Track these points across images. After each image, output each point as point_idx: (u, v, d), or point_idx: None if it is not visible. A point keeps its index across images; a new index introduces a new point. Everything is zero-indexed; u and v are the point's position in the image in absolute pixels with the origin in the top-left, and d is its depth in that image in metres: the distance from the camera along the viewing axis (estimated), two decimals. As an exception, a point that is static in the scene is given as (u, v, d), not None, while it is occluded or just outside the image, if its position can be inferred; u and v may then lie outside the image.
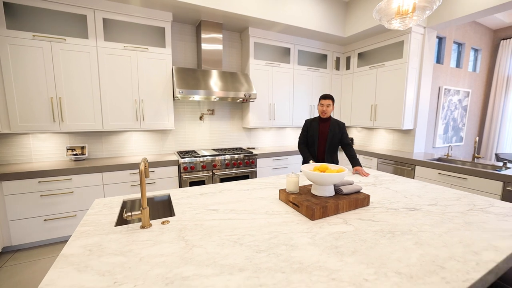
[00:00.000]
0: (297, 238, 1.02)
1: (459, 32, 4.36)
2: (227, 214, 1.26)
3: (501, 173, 2.30)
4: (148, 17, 2.74)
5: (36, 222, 2.29)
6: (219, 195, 1.57)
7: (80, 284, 0.73)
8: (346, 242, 1.00)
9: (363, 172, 2.12)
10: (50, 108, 2.43)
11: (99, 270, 0.80)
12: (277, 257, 0.88)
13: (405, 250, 0.94)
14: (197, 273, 0.79)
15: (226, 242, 0.98)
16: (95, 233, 1.04)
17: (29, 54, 2.31)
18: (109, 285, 0.73)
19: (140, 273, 0.78)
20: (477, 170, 2.45)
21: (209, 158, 2.96)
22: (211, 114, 3.55)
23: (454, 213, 1.31)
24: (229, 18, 3.05)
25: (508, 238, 1.04)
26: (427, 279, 0.78)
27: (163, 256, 0.88)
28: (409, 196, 1.58)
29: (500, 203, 1.46)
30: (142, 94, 2.81)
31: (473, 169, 2.48)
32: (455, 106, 4.55)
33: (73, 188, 2.39)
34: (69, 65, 2.46)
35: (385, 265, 0.85)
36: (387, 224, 1.17)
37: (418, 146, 3.60)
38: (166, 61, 2.89)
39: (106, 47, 2.59)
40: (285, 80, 3.71)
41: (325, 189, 1.38)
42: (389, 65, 3.49)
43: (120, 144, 3.01)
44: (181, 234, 1.04)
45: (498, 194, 2.33)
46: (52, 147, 2.70)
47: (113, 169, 2.52)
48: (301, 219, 1.22)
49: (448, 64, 4.29)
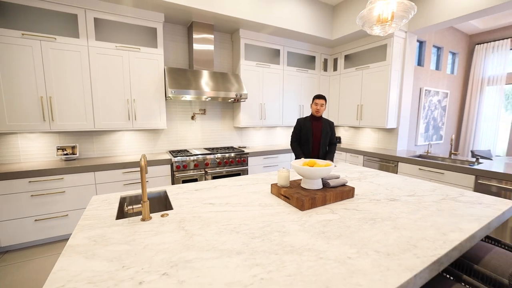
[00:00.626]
0: (288, 226, 1.12)
1: (438, 36, 4.62)
2: (222, 207, 1.34)
3: (474, 168, 2.50)
4: (140, 17, 2.76)
5: (26, 222, 2.27)
6: (214, 190, 1.64)
7: (91, 269, 0.79)
8: (332, 228, 1.10)
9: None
10: (40, 107, 2.41)
11: (107, 257, 0.86)
12: (271, 242, 0.98)
13: (384, 234, 1.06)
14: (199, 257, 0.87)
15: (223, 231, 1.06)
16: (98, 226, 1.10)
17: (18, 53, 2.29)
18: (118, 268, 0.79)
19: (146, 259, 0.85)
20: (452, 165, 2.65)
21: (201, 156, 3.02)
22: (203, 114, 3.60)
23: (429, 202, 1.45)
24: (220, 19, 3.12)
25: (473, 222, 1.18)
26: (401, 256, 0.89)
27: (166, 244, 0.95)
28: (390, 189, 1.71)
29: (469, 193, 1.62)
30: (134, 94, 2.83)
31: (449, 164, 2.68)
32: (435, 106, 4.81)
33: (65, 188, 2.38)
34: (59, 64, 2.45)
35: (366, 245, 0.96)
36: (369, 212, 1.29)
37: (401, 144, 3.80)
38: (158, 61, 2.93)
39: (98, 47, 2.59)
40: (275, 80, 3.81)
41: (313, 182, 1.48)
42: (373, 67, 3.67)
43: (112, 144, 3.02)
44: (181, 225, 1.11)
45: (471, 187, 2.52)
46: (41, 147, 2.68)
47: (105, 168, 2.53)
48: (292, 210, 1.31)
49: (428, 66, 4.54)
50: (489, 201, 1.47)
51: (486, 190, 2.40)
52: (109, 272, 0.77)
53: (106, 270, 0.78)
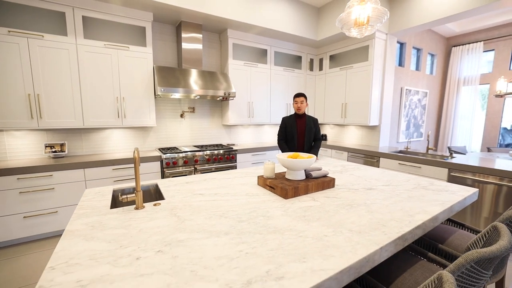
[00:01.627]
0: (273, 211, 1.22)
1: (417, 38, 4.87)
2: (212, 197, 1.43)
3: (447, 162, 2.70)
4: (129, 16, 2.79)
5: (15, 219, 2.27)
6: (203, 182, 1.72)
7: (90, 248, 0.86)
8: (312, 213, 1.21)
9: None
10: (28, 105, 2.41)
11: (105, 239, 0.93)
12: (256, 224, 1.07)
13: (358, 216, 1.18)
14: (190, 237, 0.95)
15: (212, 216, 1.15)
16: (94, 214, 1.16)
17: (4, 50, 2.28)
18: (116, 248, 0.87)
19: (141, 240, 0.93)
20: (428, 160, 2.84)
21: (191, 153, 3.08)
22: (192, 112, 3.66)
23: (402, 190, 1.59)
24: (208, 19, 3.18)
25: (437, 205, 1.33)
26: (371, 233, 1.01)
27: (159, 228, 1.03)
28: (368, 180, 1.85)
29: (438, 183, 1.78)
30: (123, 92, 2.85)
31: (426, 159, 2.87)
32: (415, 105, 5.07)
33: (54, 185, 2.39)
34: (47, 61, 2.45)
35: (342, 226, 1.07)
36: (347, 199, 1.41)
37: (383, 140, 3.99)
38: (147, 60, 2.96)
39: (86, 45, 2.61)
40: (263, 79, 3.92)
41: (297, 173, 1.59)
42: (356, 67, 3.84)
43: (101, 141, 3.02)
44: (173, 212, 1.19)
45: (444, 179, 2.72)
46: (29, 145, 2.66)
47: (95, 165, 2.55)
48: (277, 198, 1.42)
49: (408, 67, 4.78)
50: (454, 189, 1.63)
51: (458, 182, 2.60)
52: (108, 251, 0.85)
53: (105, 249, 0.86)
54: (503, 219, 1.15)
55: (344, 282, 0.79)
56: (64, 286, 0.68)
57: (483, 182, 2.44)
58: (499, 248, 0.81)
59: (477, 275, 0.84)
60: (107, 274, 0.73)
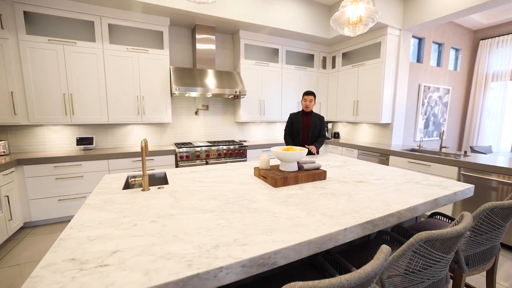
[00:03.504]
0: (259, 197, 1.36)
1: (438, 32, 4.66)
2: (209, 184, 1.60)
3: (457, 160, 2.62)
4: (148, 22, 3.07)
5: (52, 201, 2.64)
6: (206, 172, 1.91)
7: (100, 216, 1.07)
8: (295, 199, 1.33)
9: (313, 149, 2.68)
10: (63, 103, 2.77)
11: (113, 210, 1.14)
12: (240, 206, 1.22)
13: (336, 204, 1.28)
14: (180, 212, 1.13)
15: (205, 198, 1.32)
16: (108, 193, 1.38)
17: (45, 56, 2.65)
18: (120, 217, 1.07)
19: (141, 213, 1.12)
20: (437, 158, 2.78)
21: (203, 148, 3.30)
22: (206, 110, 3.88)
23: (391, 184, 1.64)
24: (221, 22, 3.37)
25: (420, 198, 1.37)
26: (341, 217, 1.11)
27: (158, 205, 1.22)
28: (363, 174, 1.91)
29: (433, 178, 1.79)
30: (143, 91, 3.14)
31: (435, 157, 2.81)
32: (435, 102, 4.86)
33: (83, 173, 2.74)
34: (79, 65, 2.80)
35: (316, 210, 1.18)
36: (333, 190, 1.51)
37: (396, 138, 3.92)
38: (164, 61, 3.23)
39: (111, 49, 2.92)
40: (274, 78, 4.03)
41: (289, 165, 1.71)
42: (368, 64, 3.80)
43: (123, 136, 3.36)
44: (172, 194, 1.38)
45: (454, 178, 2.65)
46: (63, 138, 3.05)
47: (117, 156, 2.87)
48: (267, 187, 1.55)
49: (427, 63, 4.60)
50: (447, 184, 1.64)
51: (468, 180, 2.53)
52: (113, 219, 1.05)
53: (111, 218, 1.06)
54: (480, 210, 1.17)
55: (304, 253, 0.91)
56: (77, 239, 0.88)
57: (493, 180, 2.35)
58: (449, 231, 0.88)
59: (429, 255, 0.91)
60: (109, 234, 0.93)
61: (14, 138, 2.84)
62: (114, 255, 0.79)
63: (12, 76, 2.54)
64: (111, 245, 0.85)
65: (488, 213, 1.18)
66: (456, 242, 0.98)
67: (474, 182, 2.48)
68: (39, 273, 0.70)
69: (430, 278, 0.99)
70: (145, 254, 0.79)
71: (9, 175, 2.36)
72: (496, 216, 1.21)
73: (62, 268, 0.72)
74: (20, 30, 2.53)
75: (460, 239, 0.99)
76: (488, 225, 1.23)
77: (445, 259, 0.99)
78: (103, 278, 0.68)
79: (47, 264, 0.74)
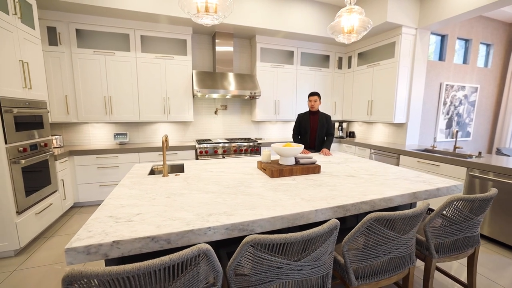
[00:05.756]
0: (255, 184, 1.63)
1: (464, 28, 4.46)
2: (217, 173, 1.90)
3: (466, 160, 2.62)
4: (174, 32, 3.47)
5: (94, 186, 3.17)
6: (217, 164, 2.22)
7: (130, 192, 1.43)
8: (284, 187, 1.57)
9: (327, 153, 2.74)
10: (104, 104, 3.29)
11: (139, 189, 1.49)
12: (236, 190, 1.50)
13: (319, 192, 1.49)
14: (188, 192, 1.44)
15: (210, 184, 1.62)
16: (136, 177, 1.75)
17: (91, 65, 3.18)
18: (144, 193, 1.41)
19: (159, 191, 1.46)
20: (446, 158, 2.78)
21: (220, 145, 3.64)
22: (225, 109, 4.22)
23: (380, 179, 1.79)
24: (238, 29, 3.67)
25: (399, 190, 1.53)
26: (317, 202, 1.33)
27: (173, 187, 1.55)
28: (358, 170, 2.07)
29: (426, 175, 1.89)
30: (168, 93, 3.57)
31: (444, 157, 2.82)
32: (459, 102, 4.66)
33: (118, 164, 3.23)
34: (116, 72, 3.30)
35: (298, 196, 1.42)
36: (322, 181, 1.71)
37: (412, 138, 3.89)
38: (187, 66, 3.62)
39: (142, 57, 3.38)
40: (289, 79, 4.23)
41: (287, 159, 1.95)
42: (383, 64, 3.83)
43: (152, 132, 3.83)
44: (185, 180, 1.71)
45: (462, 178, 2.65)
46: (104, 133, 3.60)
47: (146, 150, 3.32)
48: (265, 177, 1.81)
49: (451, 60, 4.44)
50: (435, 182, 1.75)
51: (477, 181, 2.52)
52: (139, 194, 1.39)
53: (137, 194, 1.41)
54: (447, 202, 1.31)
55: (277, 226, 1.16)
56: (113, 205, 1.23)
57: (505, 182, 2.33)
58: (395, 213, 1.07)
59: (382, 233, 1.10)
60: (135, 203, 1.26)
61: (66, 133, 3.44)
62: (137, 216, 1.12)
63: (66, 82, 3.10)
64: (136, 209, 1.18)
65: (455, 205, 1.32)
66: (410, 225, 1.16)
67: (484, 183, 2.47)
68: (90, 222, 1.05)
69: (386, 254, 1.18)
70: (159, 216, 1.11)
71: (63, 163, 2.91)
72: (464, 208, 1.34)
73: (104, 220, 1.07)
74: (73, 45, 3.07)
75: (414, 223, 1.16)
76: (457, 216, 1.36)
77: (400, 239, 1.17)
78: (129, 227, 1.01)
79: (95, 218, 1.09)
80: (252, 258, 0.89)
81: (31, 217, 2.30)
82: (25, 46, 2.34)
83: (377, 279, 1.21)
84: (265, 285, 0.96)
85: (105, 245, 0.90)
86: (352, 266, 1.16)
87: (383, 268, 1.22)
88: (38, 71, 2.55)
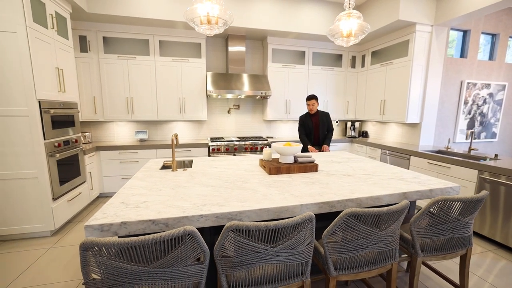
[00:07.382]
0: (252, 180, 1.77)
1: (490, 22, 4.21)
2: (221, 169, 2.08)
3: (477, 163, 2.54)
4: (189, 36, 3.70)
5: (117, 179, 3.51)
6: (223, 161, 2.39)
7: (141, 184, 1.64)
8: (278, 184, 1.70)
9: (326, 149, 2.98)
10: (126, 104, 3.62)
11: (150, 181, 1.70)
12: (234, 184, 1.66)
13: (309, 189, 1.60)
14: (191, 185, 1.62)
15: (212, 178, 1.80)
16: (149, 171, 1.98)
17: (115, 69, 3.51)
18: (153, 185, 1.62)
19: (166, 184, 1.66)
20: (457, 160, 2.72)
21: (231, 143, 3.83)
22: (237, 109, 4.40)
23: (374, 179, 1.85)
24: (250, 31, 3.81)
25: (387, 190, 1.59)
26: (304, 198, 1.45)
27: (179, 180, 1.74)
28: (356, 169, 2.13)
29: (423, 176, 1.91)
30: (184, 93, 3.82)
31: (455, 159, 2.75)
32: (484, 101, 4.42)
33: (138, 159, 3.54)
34: (137, 74, 3.60)
35: (288, 192, 1.54)
36: (316, 179, 1.82)
37: (426, 139, 3.79)
38: (202, 68, 3.83)
39: (161, 61, 3.65)
40: (300, 79, 4.30)
41: (286, 158, 2.07)
42: (396, 62, 3.76)
43: (168, 130, 4.12)
44: (191, 174, 1.90)
45: (473, 181, 2.58)
46: (126, 131, 3.94)
47: (163, 147, 3.60)
48: (264, 174, 1.95)
49: (474, 57, 4.22)
50: (431, 183, 1.77)
51: (488, 184, 2.45)
52: (149, 186, 1.61)
53: (148, 185, 1.62)
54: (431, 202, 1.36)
55: (264, 217, 1.30)
56: (126, 194, 1.45)
57: (513, 186, 2.25)
58: (370, 210, 1.16)
59: (358, 227, 1.20)
60: (144, 193, 1.47)
61: (94, 130, 3.83)
62: (144, 203, 1.32)
63: (94, 85, 3.46)
64: (143, 198, 1.39)
65: (439, 205, 1.36)
66: (388, 222, 1.24)
67: (495, 187, 2.39)
68: (106, 206, 1.27)
69: (364, 248, 1.27)
70: (161, 204, 1.30)
71: (91, 157, 3.27)
72: (449, 210, 1.38)
73: (116, 205, 1.28)
74: (100, 51, 3.41)
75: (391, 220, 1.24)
76: (443, 216, 1.40)
77: (377, 234, 1.25)
78: (136, 212, 1.21)
79: (110, 203, 1.31)
80: (234, 242, 1.04)
81: (64, 203, 2.65)
82: (61, 54, 2.69)
83: (355, 271, 1.30)
84: (247, 267, 1.11)
85: (115, 224, 1.10)
86: (332, 257, 1.27)
87: (362, 261, 1.31)
88: (71, 76, 2.89)
